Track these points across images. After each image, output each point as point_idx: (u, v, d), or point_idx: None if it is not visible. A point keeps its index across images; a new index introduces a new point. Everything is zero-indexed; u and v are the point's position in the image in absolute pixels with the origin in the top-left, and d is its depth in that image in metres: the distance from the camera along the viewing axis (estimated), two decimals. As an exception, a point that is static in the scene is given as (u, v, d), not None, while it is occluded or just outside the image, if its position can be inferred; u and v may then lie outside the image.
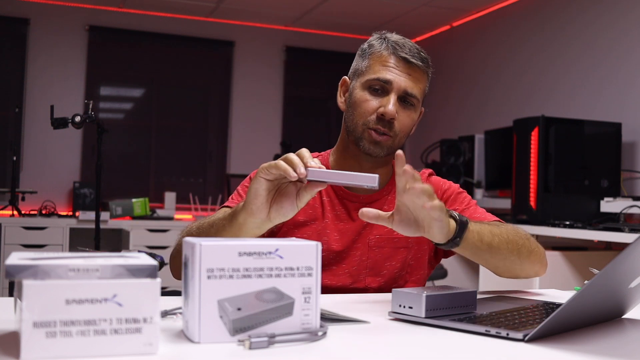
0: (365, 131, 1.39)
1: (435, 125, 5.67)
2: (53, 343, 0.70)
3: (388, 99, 1.38)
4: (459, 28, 5.56)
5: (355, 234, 1.44)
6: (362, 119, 1.40)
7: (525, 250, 1.32)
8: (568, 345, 0.88)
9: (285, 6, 5.36)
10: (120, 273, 0.74)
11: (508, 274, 1.37)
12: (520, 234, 1.34)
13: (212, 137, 5.95)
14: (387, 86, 1.38)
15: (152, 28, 5.66)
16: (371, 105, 1.39)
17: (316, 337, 0.85)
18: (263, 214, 1.10)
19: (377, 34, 1.47)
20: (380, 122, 1.38)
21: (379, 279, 1.44)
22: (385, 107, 1.37)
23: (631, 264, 0.89)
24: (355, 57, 1.48)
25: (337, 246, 1.42)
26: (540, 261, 1.38)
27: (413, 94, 1.40)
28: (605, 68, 3.96)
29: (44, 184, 5.20)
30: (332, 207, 1.45)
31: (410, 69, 1.40)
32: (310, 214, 1.44)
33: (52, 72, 5.39)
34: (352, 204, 1.45)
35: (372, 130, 1.38)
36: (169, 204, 5.11)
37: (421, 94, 1.43)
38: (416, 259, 1.47)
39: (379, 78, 1.38)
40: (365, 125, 1.39)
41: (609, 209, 3.19)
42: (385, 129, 1.38)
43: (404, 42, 1.42)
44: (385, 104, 1.37)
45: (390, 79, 1.38)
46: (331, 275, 1.42)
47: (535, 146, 3.46)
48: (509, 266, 1.33)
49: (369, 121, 1.39)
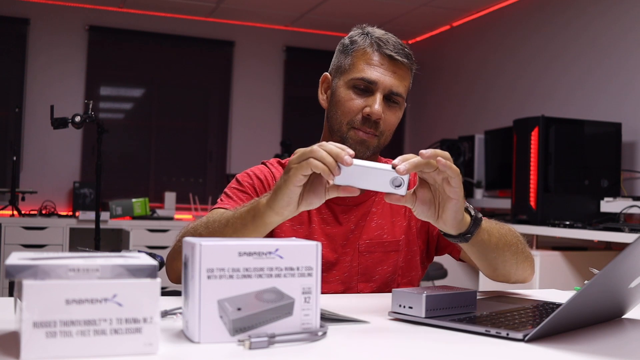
0: (350, 130, 1.35)
1: (435, 125, 5.67)
2: (53, 343, 0.70)
3: (374, 98, 1.33)
4: (459, 28, 5.55)
5: (344, 238, 1.40)
6: (346, 118, 1.36)
7: (522, 256, 1.31)
8: (568, 345, 0.88)
9: (285, 6, 5.36)
10: (120, 273, 0.74)
11: (501, 277, 1.35)
12: (519, 238, 1.32)
13: (212, 137, 5.95)
14: (372, 86, 1.34)
15: (152, 28, 5.66)
16: (356, 104, 1.35)
17: (316, 337, 0.85)
18: (292, 212, 1.08)
19: (359, 29, 1.41)
20: (366, 122, 1.34)
21: (371, 285, 1.41)
22: (372, 108, 1.33)
23: (631, 264, 0.89)
24: (336, 53, 1.43)
25: (326, 252, 1.38)
26: (531, 267, 1.37)
27: (398, 93, 1.35)
28: (605, 68, 3.96)
29: (44, 184, 5.20)
30: (319, 211, 1.40)
31: (395, 66, 1.35)
32: (296, 219, 1.38)
33: (52, 72, 5.39)
34: (337, 206, 1.41)
35: (358, 129, 1.35)
36: (169, 204, 5.11)
37: (406, 91, 1.39)
38: (407, 260, 1.44)
39: (363, 78, 1.34)
40: (350, 125, 1.35)
41: (609, 209, 3.19)
42: (372, 129, 1.35)
43: (387, 37, 1.37)
44: (371, 104, 1.33)
45: (376, 79, 1.33)
46: (323, 283, 1.37)
47: (535, 146, 3.46)
48: (507, 269, 1.31)
49: (354, 121, 1.35)
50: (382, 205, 1.44)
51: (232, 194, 1.39)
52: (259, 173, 1.44)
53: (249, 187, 1.41)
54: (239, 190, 1.40)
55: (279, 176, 1.40)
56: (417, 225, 1.46)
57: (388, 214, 1.44)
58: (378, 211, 1.43)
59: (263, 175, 1.43)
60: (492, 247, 1.22)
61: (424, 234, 1.47)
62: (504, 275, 1.33)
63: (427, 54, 5.85)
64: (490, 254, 1.24)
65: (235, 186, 1.41)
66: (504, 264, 1.28)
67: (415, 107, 5.87)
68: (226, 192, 1.41)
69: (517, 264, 1.30)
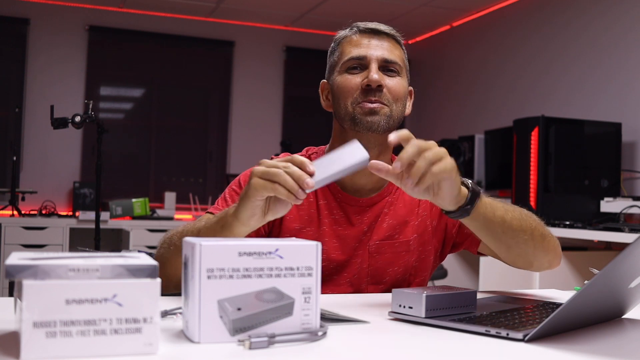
0: (356, 107, 1.32)
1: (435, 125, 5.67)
2: (53, 343, 0.70)
3: (369, 69, 1.32)
4: (459, 28, 5.55)
5: (356, 240, 1.38)
6: (349, 99, 1.33)
7: (538, 234, 1.26)
8: (568, 345, 0.88)
9: (285, 6, 5.36)
10: (120, 273, 0.74)
11: (521, 261, 1.31)
12: (533, 216, 1.28)
13: (212, 137, 5.95)
14: (364, 61, 1.33)
15: (152, 28, 5.66)
16: (354, 82, 1.33)
17: (316, 337, 0.85)
18: (258, 222, 1.09)
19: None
20: (368, 93, 1.31)
21: (381, 287, 1.38)
22: (369, 76, 1.31)
23: (631, 264, 0.89)
24: (327, 59, 1.44)
25: (336, 255, 1.36)
26: (554, 250, 1.32)
27: (392, 60, 1.34)
28: (605, 68, 3.96)
29: (44, 184, 5.20)
30: (330, 212, 1.38)
31: (381, 38, 1.35)
32: (305, 220, 1.37)
33: (52, 72, 5.39)
34: (351, 207, 1.39)
35: (363, 103, 1.31)
36: (169, 204, 5.11)
37: (401, 60, 1.36)
38: (420, 260, 1.41)
39: (352, 57, 1.34)
40: (354, 104, 1.32)
41: (609, 209, 3.19)
42: (376, 97, 1.31)
43: (366, 22, 1.39)
44: (367, 74, 1.32)
45: (364, 54, 1.33)
46: (332, 285, 1.36)
47: (535, 146, 3.46)
48: (522, 249, 1.26)
49: (356, 98, 1.32)
50: (395, 206, 1.41)
51: (228, 197, 1.39)
52: None
53: None
54: (235, 192, 1.39)
55: None
56: (432, 224, 1.43)
57: (401, 214, 1.41)
58: (390, 212, 1.41)
59: None
60: (498, 221, 1.19)
61: (440, 232, 1.44)
62: (522, 257, 1.29)
63: (427, 54, 5.85)
64: (497, 228, 1.20)
65: (235, 187, 1.40)
66: (516, 240, 1.24)
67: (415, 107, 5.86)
68: (224, 193, 1.41)
69: (533, 242, 1.26)
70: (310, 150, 1.48)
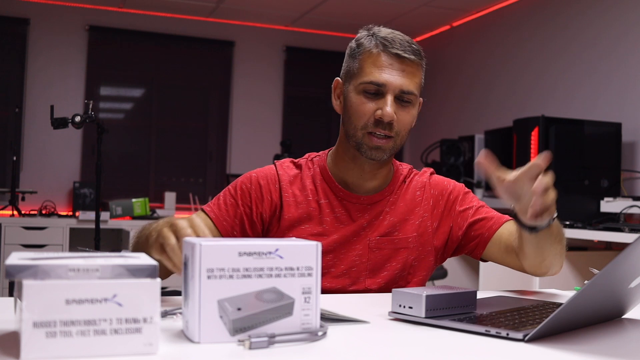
0: (365, 136, 1.35)
1: (435, 125, 5.67)
2: (53, 343, 0.70)
3: (385, 100, 1.33)
4: (459, 28, 5.55)
5: (355, 234, 1.41)
6: (360, 123, 1.35)
7: (563, 251, 1.35)
8: (568, 345, 0.88)
9: (285, 6, 5.36)
10: (120, 273, 0.74)
11: (544, 269, 1.36)
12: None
13: (212, 137, 5.95)
14: (382, 88, 1.33)
15: (152, 28, 5.66)
16: (368, 108, 1.34)
17: (316, 337, 0.85)
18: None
19: (365, 30, 1.41)
20: (379, 124, 1.34)
21: (379, 281, 1.41)
22: (383, 110, 1.32)
23: (631, 264, 0.89)
24: (346, 57, 1.42)
25: (335, 248, 1.39)
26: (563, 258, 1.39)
27: (409, 91, 1.35)
28: (605, 68, 3.96)
29: (44, 184, 5.20)
30: (332, 210, 1.41)
31: (404, 64, 1.34)
32: (305, 218, 1.40)
33: (52, 72, 5.39)
34: (352, 205, 1.42)
35: (372, 134, 1.34)
36: (169, 204, 5.11)
37: (418, 88, 1.38)
38: (419, 259, 1.43)
39: (372, 81, 1.33)
40: (364, 130, 1.35)
41: (609, 209, 3.19)
42: (386, 130, 1.34)
43: (393, 36, 1.36)
44: (382, 106, 1.33)
45: (384, 82, 1.33)
46: (330, 277, 1.39)
47: (535, 146, 3.46)
48: (551, 262, 1.33)
49: (367, 125, 1.34)
50: (395, 205, 1.45)
51: (222, 199, 1.41)
52: (261, 177, 1.42)
53: (243, 195, 1.40)
54: (231, 196, 1.41)
55: (286, 178, 1.41)
56: (433, 226, 1.45)
57: (402, 212, 1.44)
58: (391, 210, 1.44)
59: (265, 180, 1.42)
60: (557, 240, 1.28)
61: (443, 234, 1.46)
62: (547, 267, 1.35)
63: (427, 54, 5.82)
64: (547, 244, 1.27)
65: (231, 192, 1.41)
66: (553, 257, 1.32)
67: (415, 107, 5.86)
68: (220, 195, 1.43)
69: (560, 258, 1.34)
70: (312, 156, 1.49)
